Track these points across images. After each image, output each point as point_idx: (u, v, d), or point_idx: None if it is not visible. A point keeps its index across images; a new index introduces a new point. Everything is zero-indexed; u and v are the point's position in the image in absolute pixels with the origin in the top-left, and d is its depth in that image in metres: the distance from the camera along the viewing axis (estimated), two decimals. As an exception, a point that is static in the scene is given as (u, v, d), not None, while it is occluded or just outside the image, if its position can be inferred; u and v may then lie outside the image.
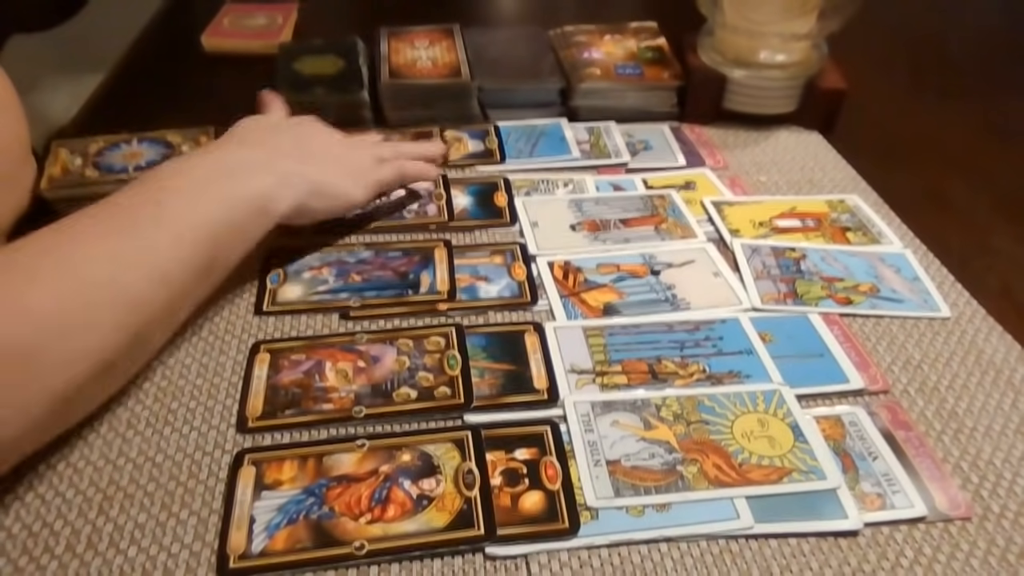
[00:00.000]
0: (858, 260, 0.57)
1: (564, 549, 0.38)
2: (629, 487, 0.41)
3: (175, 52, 0.86)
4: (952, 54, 0.92)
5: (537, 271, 0.55)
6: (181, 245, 0.43)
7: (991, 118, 0.77)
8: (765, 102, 0.72)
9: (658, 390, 0.46)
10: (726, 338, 0.50)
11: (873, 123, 0.75)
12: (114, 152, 0.61)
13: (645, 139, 0.71)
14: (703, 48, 0.73)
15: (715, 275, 0.55)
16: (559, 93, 0.73)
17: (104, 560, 0.38)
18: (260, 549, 0.38)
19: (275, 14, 0.89)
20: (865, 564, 0.38)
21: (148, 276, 0.41)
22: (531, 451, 0.43)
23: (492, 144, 0.69)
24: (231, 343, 0.49)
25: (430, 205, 0.61)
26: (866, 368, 0.48)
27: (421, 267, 0.55)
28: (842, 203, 0.64)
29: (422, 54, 0.76)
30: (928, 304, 0.54)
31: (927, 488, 0.42)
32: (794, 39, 0.70)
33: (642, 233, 0.59)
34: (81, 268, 0.39)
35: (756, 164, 0.69)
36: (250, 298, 0.52)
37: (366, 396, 0.46)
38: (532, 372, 0.47)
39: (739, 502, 0.40)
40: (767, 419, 0.45)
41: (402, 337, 0.50)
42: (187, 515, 0.40)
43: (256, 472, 0.41)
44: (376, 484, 0.41)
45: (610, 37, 0.80)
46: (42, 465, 0.42)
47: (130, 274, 0.41)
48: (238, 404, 0.45)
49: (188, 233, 0.43)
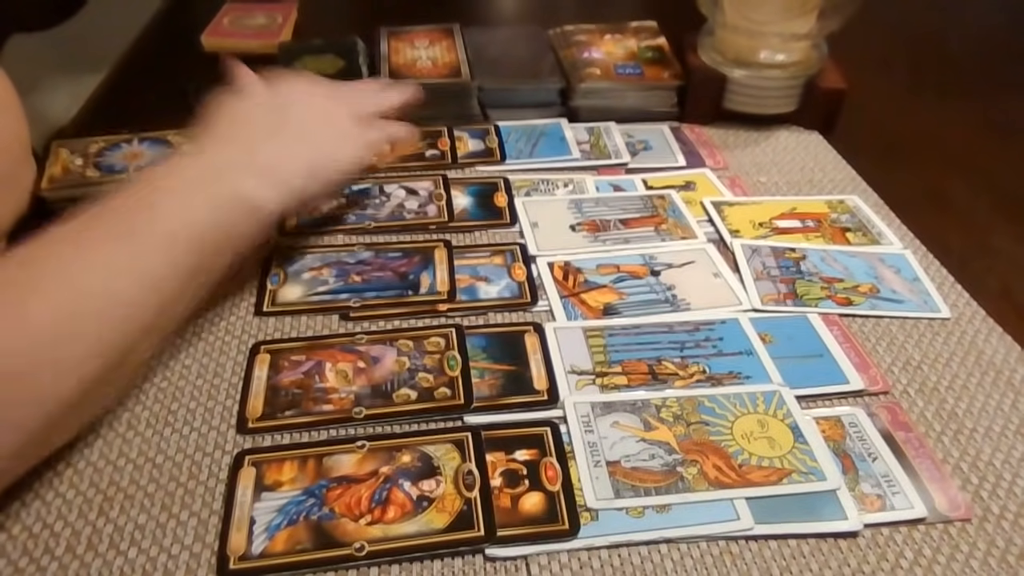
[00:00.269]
0: (858, 261, 0.57)
1: (564, 550, 0.38)
2: (629, 488, 0.41)
3: (175, 52, 0.86)
4: (952, 53, 0.92)
5: (537, 272, 0.55)
6: (174, 247, 0.42)
7: (991, 117, 0.77)
8: (765, 102, 0.72)
9: (658, 391, 0.46)
10: (726, 339, 0.50)
11: (873, 123, 0.75)
12: (115, 152, 0.61)
13: (645, 139, 0.71)
14: (703, 48, 0.73)
15: (715, 276, 0.55)
16: (559, 93, 0.73)
17: (104, 561, 0.38)
18: (260, 550, 0.38)
19: (275, 14, 0.89)
20: (865, 565, 0.38)
21: (139, 282, 0.41)
22: (531, 452, 0.43)
23: (492, 144, 0.69)
24: (231, 344, 0.49)
25: (430, 205, 0.61)
26: (866, 369, 0.48)
27: (421, 268, 0.55)
28: (842, 203, 0.63)
29: (422, 54, 0.76)
30: (928, 305, 0.54)
31: (927, 489, 0.42)
32: (794, 39, 0.70)
33: (642, 233, 0.59)
34: (78, 279, 0.39)
35: (756, 164, 0.69)
36: (250, 299, 0.52)
37: (366, 397, 0.46)
38: (532, 373, 0.47)
39: (739, 503, 0.40)
40: (767, 420, 0.45)
41: (402, 338, 0.50)
42: (187, 516, 0.40)
43: (256, 473, 0.41)
44: (376, 485, 0.41)
45: (610, 37, 0.80)
46: (42, 466, 0.41)
47: (122, 280, 0.40)
48: (238, 405, 0.45)
49: (182, 232, 0.43)
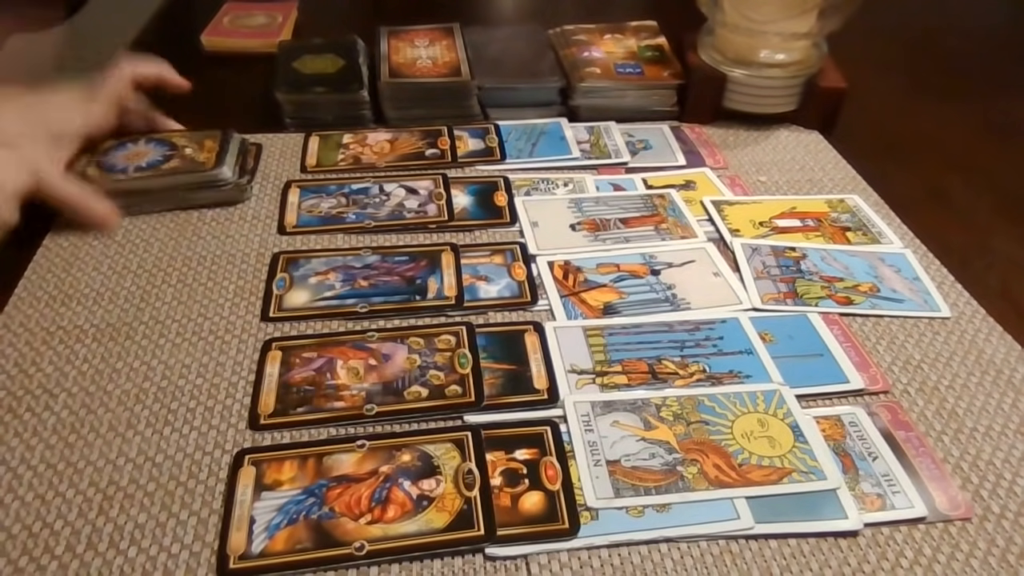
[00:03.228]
0: (858, 260, 0.57)
1: (564, 550, 0.38)
2: (629, 487, 0.41)
3: (175, 52, 0.86)
4: (952, 53, 0.92)
5: (537, 271, 0.55)
6: None
7: (991, 118, 0.77)
8: (765, 101, 0.72)
9: (658, 390, 0.46)
10: (726, 338, 0.50)
11: (873, 123, 0.75)
12: (119, 152, 0.60)
13: (645, 139, 0.71)
14: (703, 47, 0.73)
15: (715, 275, 0.55)
16: (559, 92, 0.73)
17: (104, 560, 0.38)
18: (260, 549, 0.38)
19: (275, 13, 0.89)
20: (865, 564, 0.38)
21: None
22: (531, 451, 0.43)
23: (492, 143, 0.69)
24: (232, 344, 0.49)
25: (430, 204, 0.61)
26: (866, 368, 0.48)
27: (428, 272, 0.55)
28: (842, 203, 0.63)
29: (422, 53, 0.76)
30: (928, 304, 0.54)
31: (927, 488, 0.42)
32: (794, 38, 0.70)
33: (642, 233, 0.59)
34: None
35: (756, 164, 0.68)
36: (256, 302, 0.52)
37: (377, 394, 0.46)
38: (532, 372, 0.47)
39: (739, 502, 0.40)
40: (767, 419, 0.45)
41: (413, 335, 0.50)
42: (187, 515, 0.40)
43: (256, 472, 0.41)
44: (376, 484, 0.41)
45: (610, 36, 0.80)
46: (42, 465, 0.42)
47: None
48: (250, 401, 0.45)
49: None
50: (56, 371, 0.47)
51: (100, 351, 0.48)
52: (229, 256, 0.56)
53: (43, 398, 0.45)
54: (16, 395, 0.45)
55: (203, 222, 0.59)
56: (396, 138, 0.69)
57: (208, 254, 0.56)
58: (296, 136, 0.69)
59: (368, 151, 0.68)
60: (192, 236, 0.58)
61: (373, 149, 0.68)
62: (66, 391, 0.46)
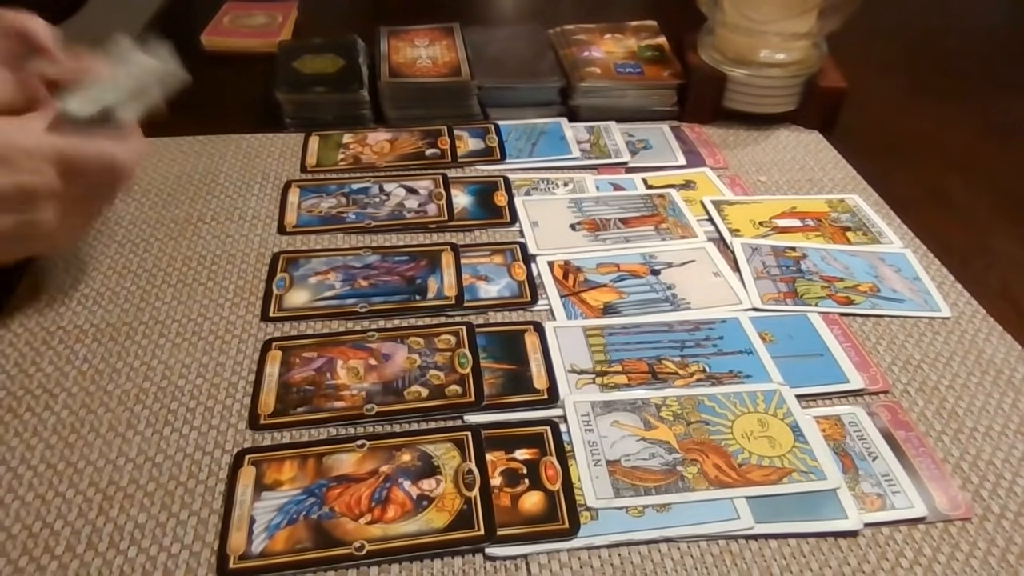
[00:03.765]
0: (858, 260, 0.57)
1: (564, 549, 0.38)
2: (629, 487, 0.41)
3: (175, 51, 0.86)
4: (952, 53, 0.92)
5: (537, 271, 0.55)
6: None
7: (991, 118, 0.77)
8: (765, 101, 0.72)
9: (658, 390, 0.46)
10: (726, 338, 0.50)
11: (873, 123, 0.75)
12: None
13: (645, 138, 0.71)
14: (703, 47, 0.73)
15: (715, 275, 0.55)
16: (559, 92, 0.73)
17: (104, 560, 0.38)
18: (260, 549, 0.38)
19: (275, 13, 0.89)
20: (865, 564, 0.38)
21: None
22: (531, 451, 0.43)
23: (492, 143, 0.69)
24: (232, 344, 0.49)
25: (430, 204, 0.61)
26: (866, 368, 0.48)
27: (428, 272, 0.55)
28: (842, 203, 0.63)
29: (422, 53, 0.76)
30: (928, 304, 0.54)
31: (927, 488, 0.41)
32: (794, 38, 0.70)
33: (642, 233, 0.59)
34: None
35: (756, 163, 0.68)
36: (256, 302, 0.52)
37: (377, 394, 0.46)
38: (532, 372, 0.47)
39: (739, 502, 0.40)
40: (767, 419, 0.45)
41: (413, 335, 0.50)
42: (187, 515, 0.40)
43: (256, 472, 0.41)
44: (376, 484, 0.41)
45: (610, 36, 0.80)
46: (42, 465, 0.42)
47: None
48: (250, 401, 0.45)
49: None
50: (56, 371, 0.47)
51: (100, 351, 0.48)
52: (229, 256, 0.56)
53: (43, 398, 0.45)
54: (16, 395, 0.45)
55: (203, 222, 0.59)
56: (396, 138, 0.69)
57: (208, 254, 0.56)
58: (296, 136, 0.69)
59: (368, 151, 0.68)
60: (192, 236, 0.58)
61: (373, 149, 0.68)
62: (66, 391, 0.46)
